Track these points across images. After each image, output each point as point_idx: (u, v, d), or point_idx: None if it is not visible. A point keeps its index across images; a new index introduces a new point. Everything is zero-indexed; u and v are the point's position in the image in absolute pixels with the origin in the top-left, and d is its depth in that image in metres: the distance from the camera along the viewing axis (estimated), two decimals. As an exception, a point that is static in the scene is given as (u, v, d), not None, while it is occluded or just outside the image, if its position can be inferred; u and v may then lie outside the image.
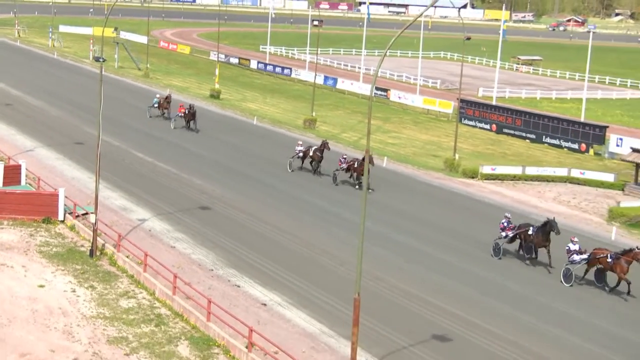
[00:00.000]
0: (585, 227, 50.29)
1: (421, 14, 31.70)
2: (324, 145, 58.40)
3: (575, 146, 75.61)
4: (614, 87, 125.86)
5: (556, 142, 77.48)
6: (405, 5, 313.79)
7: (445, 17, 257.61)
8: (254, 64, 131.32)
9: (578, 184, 61.86)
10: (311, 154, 58.63)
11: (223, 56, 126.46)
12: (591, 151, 73.97)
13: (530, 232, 41.31)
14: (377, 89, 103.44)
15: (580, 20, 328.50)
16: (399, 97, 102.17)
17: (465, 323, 34.08)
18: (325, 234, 45.65)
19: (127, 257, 38.64)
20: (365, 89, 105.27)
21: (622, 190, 59.22)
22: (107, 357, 28.98)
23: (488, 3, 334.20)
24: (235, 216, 47.58)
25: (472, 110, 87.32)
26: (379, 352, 30.36)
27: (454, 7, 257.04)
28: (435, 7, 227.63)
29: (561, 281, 39.58)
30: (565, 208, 54.51)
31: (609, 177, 61.90)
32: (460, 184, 59.69)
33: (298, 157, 59.58)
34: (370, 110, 28.35)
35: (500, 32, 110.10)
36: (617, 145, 72.12)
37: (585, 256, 39.20)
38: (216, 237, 43.19)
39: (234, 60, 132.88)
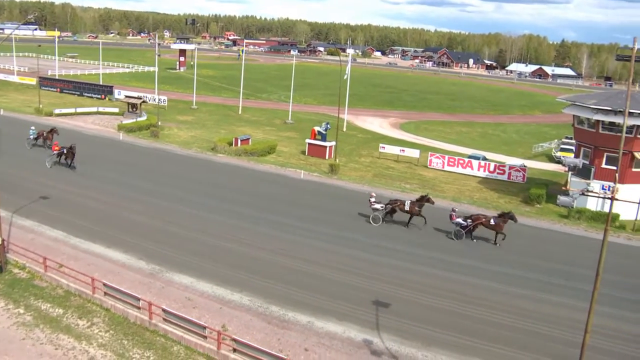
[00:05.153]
0: (106, 134, 48.83)
1: (11, 33, 28.43)
2: (424, 199, 28.54)
3: (99, 96, 70.48)
4: (119, 67, 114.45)
5: (90, 95, 71.28)
6: (2, 29, 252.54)
7: (25, 35, 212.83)
8: None
9: (102, 114, 59.03)
10: (407, 208, 28.10)
11: None
12: (107, 98, 69.99)
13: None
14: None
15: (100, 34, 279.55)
16: (5, 77, 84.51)
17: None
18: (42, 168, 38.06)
19: None
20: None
21: (123, 115, 57.06)
22: None
23: (46, 27, 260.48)
24: None
25: (47, 81, 75.97)
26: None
27: (30, 30, 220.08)
28: (19, 29, 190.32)
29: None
30: (97, 126, 52.51)
31: (116, 110, 59.53)
32: (43, 119, 53.16)
33: (384, 211, 28.72)
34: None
35: (56, 42, 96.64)
36: (118, 94, 69.13)
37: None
38: None
39: None
